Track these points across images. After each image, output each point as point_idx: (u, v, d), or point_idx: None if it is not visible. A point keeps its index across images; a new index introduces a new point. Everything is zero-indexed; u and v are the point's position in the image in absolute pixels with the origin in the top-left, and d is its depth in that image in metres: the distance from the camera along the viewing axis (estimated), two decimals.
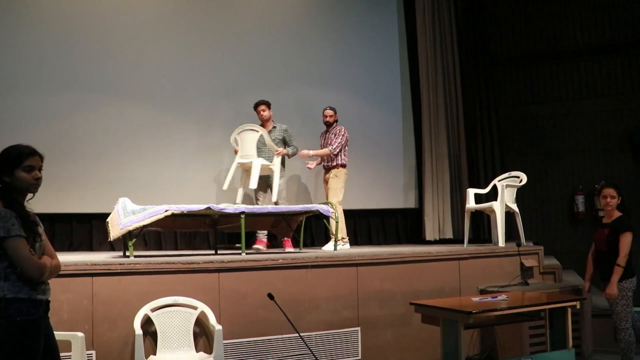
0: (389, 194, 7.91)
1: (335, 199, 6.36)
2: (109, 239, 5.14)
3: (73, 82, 6.68)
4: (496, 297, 4.09)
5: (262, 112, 6.52)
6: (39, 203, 2.83)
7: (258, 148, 6.25)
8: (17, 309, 2.52)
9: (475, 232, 7.56)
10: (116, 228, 4.91)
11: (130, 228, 4.84)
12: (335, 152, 6.51)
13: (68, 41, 6.71)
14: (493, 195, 6.45)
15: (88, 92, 6.70)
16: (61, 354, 2.88)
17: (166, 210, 4.92)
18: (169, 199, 5.60)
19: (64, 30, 6.71)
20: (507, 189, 6.22)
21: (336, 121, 6.68)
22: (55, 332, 2.80)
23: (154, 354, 4.16)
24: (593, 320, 5.49)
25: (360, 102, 7.84)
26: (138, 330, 4.01)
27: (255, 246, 6.31)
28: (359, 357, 4.88)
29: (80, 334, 3.79)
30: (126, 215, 4.90)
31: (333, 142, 6.51)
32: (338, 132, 6.58)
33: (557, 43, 8.53)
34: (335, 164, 6.56)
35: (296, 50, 7.65)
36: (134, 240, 4.99)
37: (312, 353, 3.86)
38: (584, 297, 4.96)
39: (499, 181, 6.45)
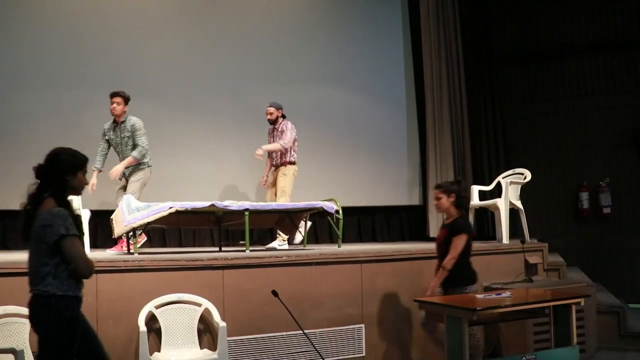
0: (393, 191, 7.92)
1: (283, 199, 6.08)
2: (114, 236, 5.17)
3: (81, 80, 6.73)
4: (500, 294, 4.08)
5: (112, 106, 5.68)
6: None
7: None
8: (66, 305, 2.72)
9: (480, 229, 7.55)
10: (120, 225, 4.93)
11: (135, 225, 4.86)
12: (287, 147, 6.11)
13: (75, 39, 6.74)
14: (497, 192, 6.44)
15: (95, 90, 6.70)
16: None
17: (170, 208, 4.93)
18: (173, 196, 5.61)
19: (71, 29, 6.75)
20: (511, 185, 6.21)
21: (283, 116, 6.28)
22: None
23: (158, 350, 4.17)
24: (597, 317, 5.47)
25: (364, 99, 7.84)
26: (142, 327, 4.02)
27: (109, 250, 5.69)
28: (363, 354, 4.88)
29: None
30: (130, 213, 4.91)
31: (284, 137, 6.12)
32: (286, 127, 6.17)
33: (562, 40, 8.49)
34: (283, 161, 6.21)
35: (301, 48, 7.66)
36: (138, 237, 5.00)
37: (316, 350, 3.87)
38: (588, 294, 4.94)
39: (503, 178, 6.44)
